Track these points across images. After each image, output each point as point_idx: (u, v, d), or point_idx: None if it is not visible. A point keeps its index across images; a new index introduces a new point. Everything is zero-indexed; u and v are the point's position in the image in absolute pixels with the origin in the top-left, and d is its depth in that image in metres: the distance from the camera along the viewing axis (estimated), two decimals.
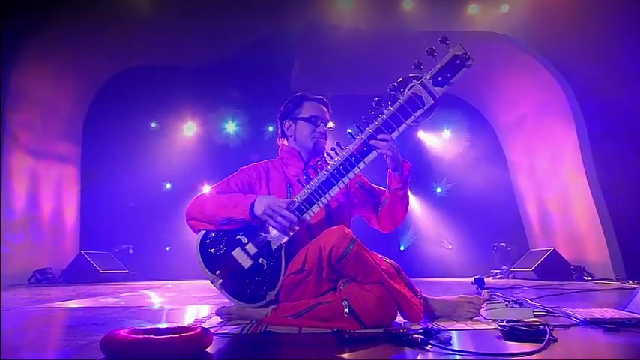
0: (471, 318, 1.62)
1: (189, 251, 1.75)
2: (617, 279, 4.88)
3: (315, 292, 1.57)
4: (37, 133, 5.57)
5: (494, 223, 6.63)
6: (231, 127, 7.23)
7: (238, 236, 1.67)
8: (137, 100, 6.63)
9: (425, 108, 1.69)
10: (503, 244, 6.30)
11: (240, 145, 7.13)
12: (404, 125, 1.69)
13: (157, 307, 2.40)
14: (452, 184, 7.23)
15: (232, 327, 1.51)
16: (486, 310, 1.64)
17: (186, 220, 1.74)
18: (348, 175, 1.68)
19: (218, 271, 1.65)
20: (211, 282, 1.67)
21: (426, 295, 1.67)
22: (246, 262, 1.64)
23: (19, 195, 5.14)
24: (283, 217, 1.57)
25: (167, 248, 6.93)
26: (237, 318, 1.67)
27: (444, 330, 1.36)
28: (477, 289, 3.31)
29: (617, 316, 1.43)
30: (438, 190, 7.36)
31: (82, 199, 6.42)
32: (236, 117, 7.20)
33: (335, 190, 1.68)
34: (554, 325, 1.37)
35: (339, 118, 7.77)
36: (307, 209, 1.66)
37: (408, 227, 7.03)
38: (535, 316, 1.60)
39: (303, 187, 1.70)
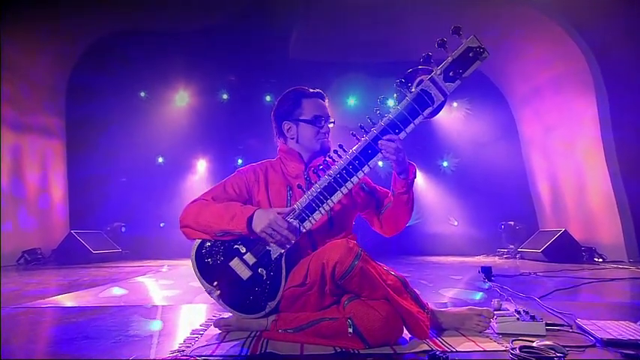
0: (480, 332, 1.63)
1: None
2: (630, 261, 4.94)
3: (317, 305, 1.57)
4: (17, 105, 5.46)
5: (503, 201, 6.64)
6: (225, 97, 7.09)
7: (236, 246, 1.65)
8: (124, 67, 6.46)
9: (434, 106, 1.63)
10: (512, 223, 6.34)
11: (235, 116, 7.02)
12: (411, 125, 1.64)
13: (151, 305, 2.43)
14: (459, 159, 7.18)
15: (231, 343, 1.52)
16: (497, 322, 1.64)
17: (180, 227, 1.71)
18: (352, 180, 1.64)
19: (215, 283, 1.65)
20: (208, 293, 1.67)
21: (433, 308, 1.67)
22: (245, 273, 1.63)
23: (1, 172, 5.10)
24: (283, 236, 1.55)
25: (161, 224, 6.98)
26: (236, 329, 1.68)
27: (452, 352, 1.36)
28: (484, 279, 3.36)
29: (636, 336, 1.43)
30: (445, 164, 7.33)
31: (70, 175, 6.39)
32: (231, 86, 7.04)
33: (338, 196, 1.64)
34: (568, 347, 1.37)
35: (340, 87, 7.59)
36: (308, 217, 1.64)
37: None
38: (547, 329, 1.61)
39: (304, 192, 1.67)
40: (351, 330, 1.43)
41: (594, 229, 5.50)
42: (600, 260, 5.16)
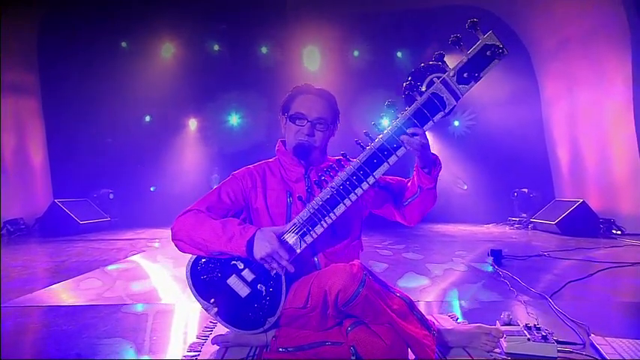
0: (488, 351, 1.68)
1: (175, 192, 1.76)
2: None
3: (318, 326, 1.60)
4: None
5: (517, 165, 6.62)
6: (217, 48, 6.87)
7: (233, 262, 1.66)
8: (101, 15, 6.18)
9: (446, 111, 1.59)
10: (525, 190, 6.35)
11: (227, 69, 6.84)
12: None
13: (144, 304, 2.49)
14: (473, 116, 7.08)
15: None
16: (506, 341, 1.69)
17: (172, 240, 1.72)
18: (356, 192, 1.63)
19: (212, 300, 1.68)
20: (205, 310, 1.70)
21: (440, 327, 1.72)
22: (244, 291, 1.66)
23: None
24: (282, 266, 1.56)
25: (152, 189, 7.02)
26: (235, 345, 1.74)
27: None
28: (493, 264, 3.42)
29: None
30: (456, 123, 7.23)
31: (49, 136, 6.31)
32: (222, 36, 6.79)
33: (341, 209, 1.63)
34: None
35: (343, 42, 7.27)
36: (310, 231, 1.64)
37: None
38: (559, 350, 1.66)
39: (304, 204, 1.66)
40: (354, 358, 1.48)
41: (615, 199, 5.52)
42: (619, 232, 5.23)
